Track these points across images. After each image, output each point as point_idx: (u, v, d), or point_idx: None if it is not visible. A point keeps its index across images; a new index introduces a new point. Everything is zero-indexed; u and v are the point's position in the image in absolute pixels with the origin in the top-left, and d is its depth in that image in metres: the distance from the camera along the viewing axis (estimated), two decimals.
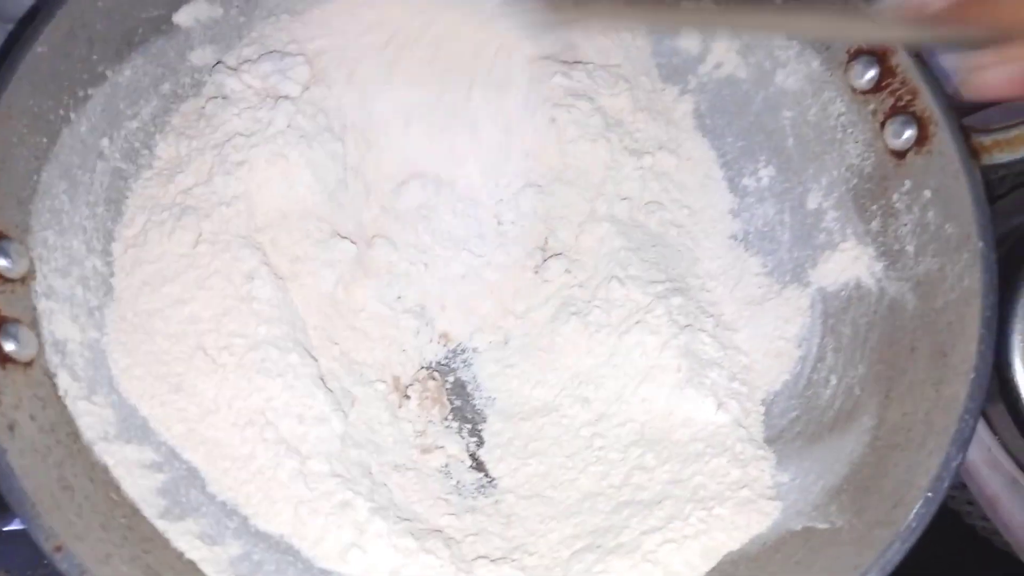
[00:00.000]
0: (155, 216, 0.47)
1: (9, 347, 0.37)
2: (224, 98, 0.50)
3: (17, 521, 0.46)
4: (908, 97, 0.46)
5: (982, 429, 0.47)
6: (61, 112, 0.44)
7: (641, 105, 0.53)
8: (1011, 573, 0.50)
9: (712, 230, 0.53)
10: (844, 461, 0.42)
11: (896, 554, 0.35)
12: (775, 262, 0.51)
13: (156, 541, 0.38)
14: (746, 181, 0.53)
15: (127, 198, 0.47)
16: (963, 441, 0.38)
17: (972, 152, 0.43)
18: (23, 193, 0.42)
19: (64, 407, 0.39)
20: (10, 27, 0.48)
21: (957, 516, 0.54)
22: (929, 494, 0.36)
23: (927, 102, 0.45)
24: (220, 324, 0.44)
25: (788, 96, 0.52)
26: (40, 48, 0.42)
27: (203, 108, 0.49)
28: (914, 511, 0.36)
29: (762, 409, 0.47)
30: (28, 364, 0.39)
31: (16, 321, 0.39)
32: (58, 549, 0.33)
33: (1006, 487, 0.46)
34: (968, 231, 0.42)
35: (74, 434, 0.39)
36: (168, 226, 0.46)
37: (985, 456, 0.47)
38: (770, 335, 0.49)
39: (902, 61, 0.46)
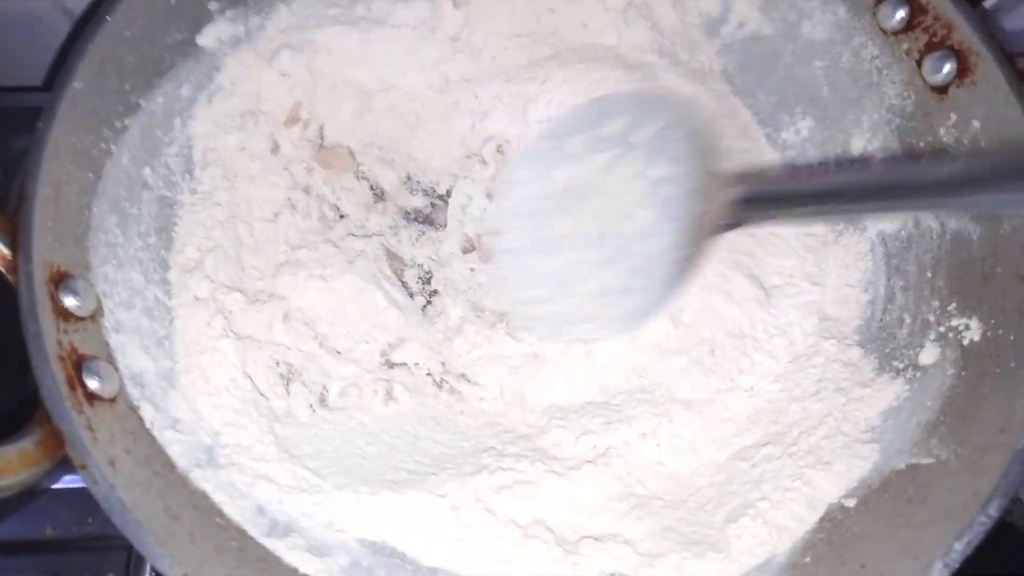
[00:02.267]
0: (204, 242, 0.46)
1: (93, 385, 0.37)
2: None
3: (63, 479, 0.46)
4: (943, 32, 0.46)
5: None
6: (103, 145, 0.43)
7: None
8: None
9: None
10: (935, 395, 0.42)
11: (1017, 476, 0.35)
12: None
13: (269, 560, 0.37)
14: (785, 135, 0.54)
15: (176, 225, 0.46)
16: None
17: (1020, 75, 0.43)
18: (79, 230, 0.41)
19: (153, 439, 0.39)
20: None
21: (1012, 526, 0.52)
22: None
23: (965, 34, 0.45)
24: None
25: (817, 46, 0.52)
26: (77, 84, 0.41)
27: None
28: (1023, 431, 0.36)
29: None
30: (112, 400, 0.38)
31: (95, 358, 0.38)
32: None
33: None
34: None
35: (168, 464, 0.38)
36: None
37: None
38: (834, 283, 0.49)
39: None
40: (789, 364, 0.47)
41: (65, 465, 0.33)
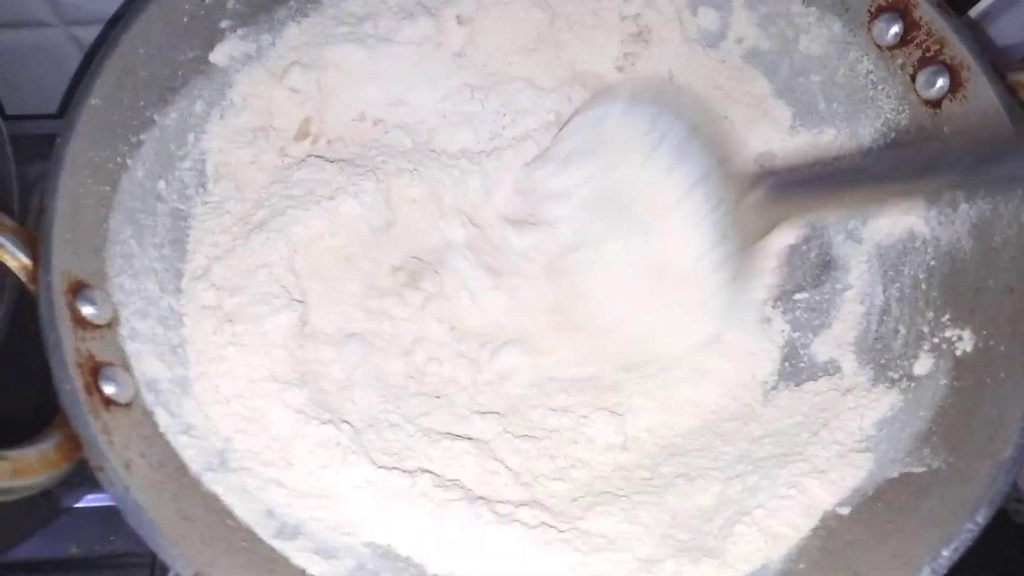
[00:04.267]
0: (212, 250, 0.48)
1: (109, 390, 0.38)
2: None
3: (86, 498, 0.48)
4: (936, 47, 0.47)
5: None
6: (119, 160, 0.45)
7: None
8: None
9: None
10: (928, 405, 0.43)
11: (1003, 484, 0.36)
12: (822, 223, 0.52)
13: (278, 561, 0.38)
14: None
15: (189, 236, 0.48)
16: None
17: (1010, 90, 0.44)
18: (96, 242, 0.42)
19: (167, 443, 0.40)
20: None
21: (1005, 514, 0.54)
22: None
23: (956, 49, 0.46)
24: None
25: (814, 61, 0.53)
26: (94, 100, 0.43)
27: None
28: (1012, 441, 0.37)
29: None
30: (128, 405, 0.39)
31: (111, 365, 0.39)
32: (198, 575, 0.33)
33: None
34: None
35: (182, 468, 0.40)
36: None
37: None
38: None
39: (925, 13, 0.47)
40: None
41: (88, 484, 0.35)
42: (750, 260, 0.46)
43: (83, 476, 0.36)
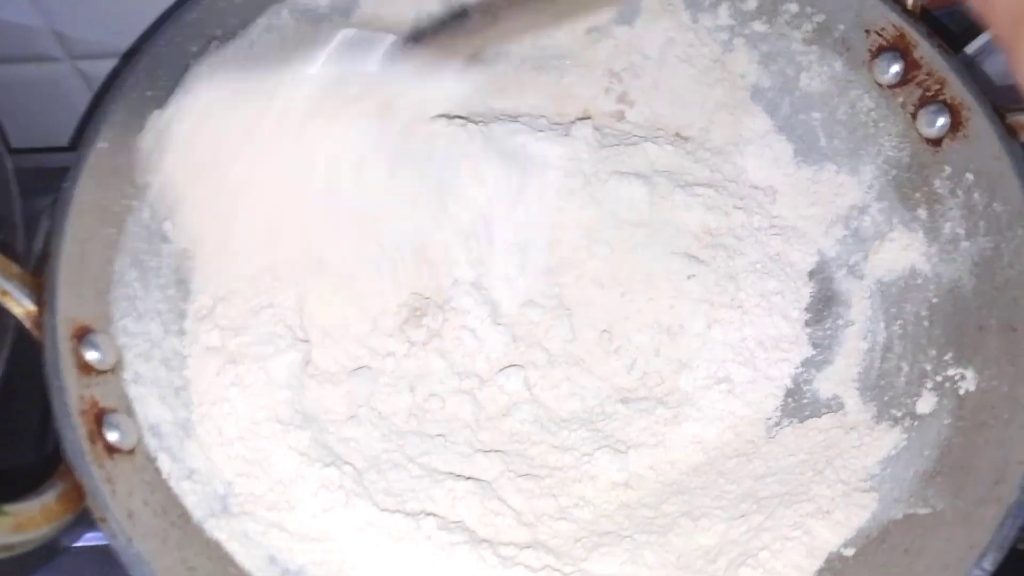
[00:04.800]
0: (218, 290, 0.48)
1: (113, 437, 0.38)
2: None
3: (85, 537, 0.47)
4: (936, 87, 0.47)
5: None
6: (124, 202, 0.45)
7: None
8: None
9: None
10: (932, 445, 0.43)
11: (1011, 530, 0.36)
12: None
13: None
14: None
15: (194, 277, 0.48)
16: None
17: (1009, 131, 0.45)
18: (100, 285, 0.43)
19: (169, 489, 0.40)
20: None
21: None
22: None
23: (956, 89, 0.46)
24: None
25: (815, 98, 0.53)
26: (101, 144, 0.43)
27: None
28: (1018, 485, 0.37)
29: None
30: (131, 452, 0.39)
31: (115, 411, 0.39)
32: None
33: None
34: (1018, 208, 0.43)
35: (184, 515, 0.39)
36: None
37: None
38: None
39: (926, 53, 0.48)
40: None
41: (86, 523, 0.35)
42: None
43: (80, 515, 0.36)
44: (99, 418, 0.38)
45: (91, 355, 0.40)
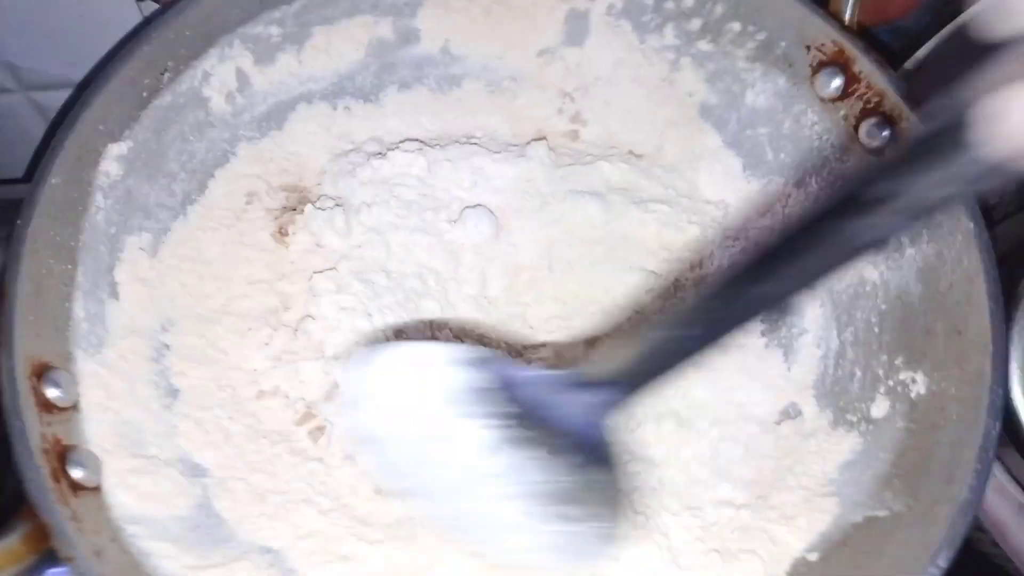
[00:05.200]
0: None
1: (77, 475, 0.38)
2: None
3: (49, 572, 0.45)
4: (876, 99, 0.49)
5: None
6: (81, 237, 0.44)
7: None
8: None
9: None
10: (887, 448, 0.44)
11: (961, 527, 0.37)
12: None
13: None
14: None
15: None
16: (996, 411, 0.40)
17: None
18: (59, 322, 0.42)
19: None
20: None
21: (968, 543, 0.54)
22: (978, 466, 0.39)
23: (894, 101, 0.48)
24: None
25: (761, 114, 0.55)
26: (54, 180, 0.43)
27: None
28: (967, 484, 0.38)
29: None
30: (96, 488, 0.39)
31: (77, 447, 0.39)
32: None
33: (1013, 513, 0.46)
34: (957, 214, 0.45)
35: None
36: None
37: (991, 483, 0.44)
38: None
39: (864, 67, 0.49)
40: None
41: (49, 559, 0.34)
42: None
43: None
44: (62, 456, 0.38)
45: (52, 392, 0.39)
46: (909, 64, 0.55)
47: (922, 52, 0.55)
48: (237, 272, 0.50)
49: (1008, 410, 0.45)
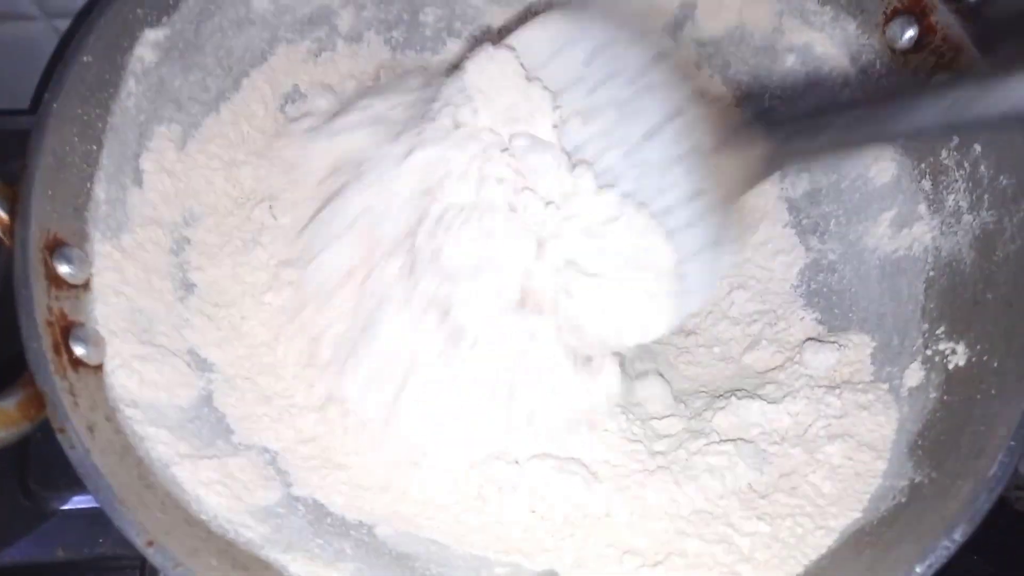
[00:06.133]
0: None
1: (79, 351, 0.38)
2: None
3: (73, 500, 0.47)
4: (951, 54, 0.46)
5: None
6: (107, 119, 0.44)
7: None
8: None
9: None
10: (915, 418, 0.42)
11: (984, 503, 0.35)
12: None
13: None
14: None
15: None
16: None
17: None
18: (78, 201, 0.42)
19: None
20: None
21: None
22: (1012, 443, 0.36)
23: (972, 58, 0.45)
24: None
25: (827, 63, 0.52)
26: (86, 57, 0.42)
27: None
28: (998, 460, 0.36)
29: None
30: (98, 368, 0.39)
31: (83, 325, 0.39)
32: (150, 544, 0.33)
33: None
34: (1022, 180, 0.42)
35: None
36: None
37: None
38: None
39: (942, 18, 0.46)
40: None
41: (75, 487, 0.33)
42: (728, 219, 0.41)
43: (68, 479, 0.34)
44: (66, 331, 0.37)
45: (63, 268, 0.39)
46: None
47: None
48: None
49: None
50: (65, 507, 0.47)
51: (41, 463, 0.48)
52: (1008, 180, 0.43)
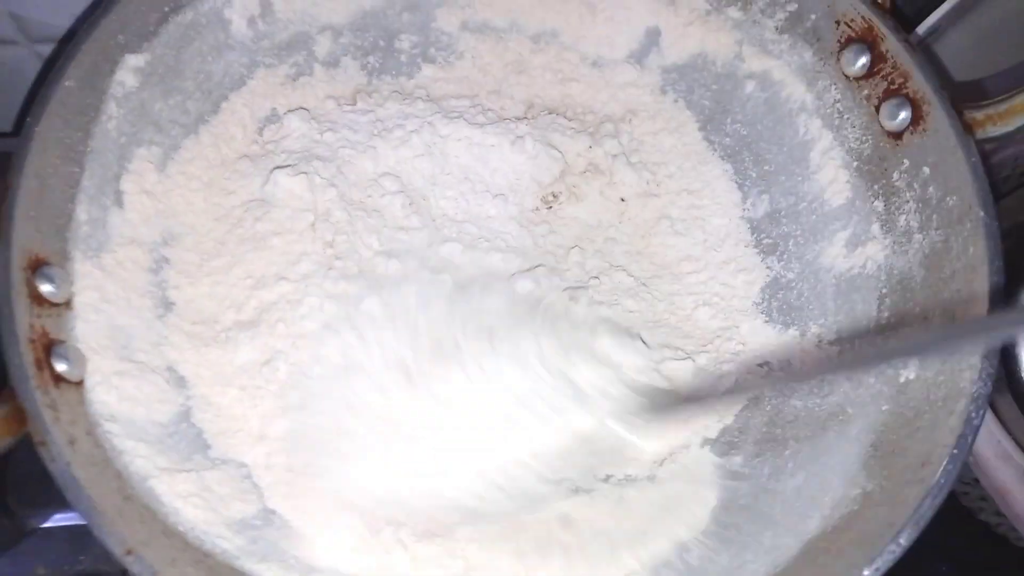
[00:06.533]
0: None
1: (61, 367, 0.39)
2: None
3: (53, 518, 0.47)
4: (900, 80, 0.48)
5: (991, 421, 0.47)
6: (88, 140, 0.45)
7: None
8: None
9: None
10: (868, 429, 0.44)
11: (928, 510, 0.37)
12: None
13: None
14: (752, 171, 0.56)
15: None
16: (981, 399, 0.39)
17: (966, 127, 0.45)
18: (60, 221, 0.43)
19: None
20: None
21: (970, 512, 0.54)
22: (955, 451, 0.38)
23: (919, 83, 0.47)
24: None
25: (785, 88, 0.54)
26: (68, 82, 0.44)
27: None
28: (942, 467, 0.38)
29: None
30: (79, 384, 0.40)
31: (64, 342, 0.40)
32: (129, 553, 0.34)
33: (1017, 479, 0.46)
34: (968, 202, 0.44)
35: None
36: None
37: (995, 449, 0.47)
38: None
39: (891, 46, 0.48)
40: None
41: (55, 504, 0.34)
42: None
43: (48, 496, 0.35)
44: (48, 348, 0.39)
45: (45, 287, 0.40)
46: (921, 30, 0.54)
47: (934, 17, 0.54)
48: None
49: (1014, 377, 0.47)
50: (45, 525, 0.48)
51: (20, 481, 0.48)
52: (954, 201, 0.45)
